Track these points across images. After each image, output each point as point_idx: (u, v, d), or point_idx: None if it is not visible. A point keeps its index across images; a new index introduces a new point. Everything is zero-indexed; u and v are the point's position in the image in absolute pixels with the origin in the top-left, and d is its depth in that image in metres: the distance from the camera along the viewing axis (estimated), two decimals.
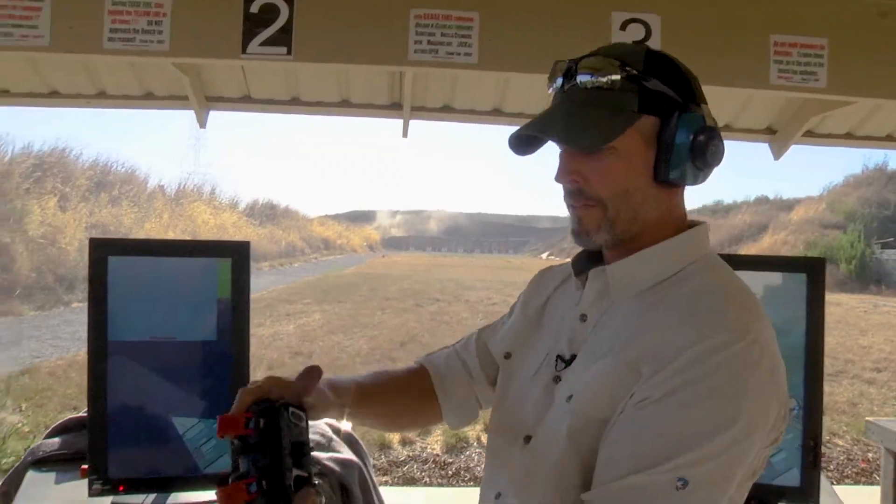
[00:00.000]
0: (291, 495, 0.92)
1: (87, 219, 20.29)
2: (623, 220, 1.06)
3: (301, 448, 0.97)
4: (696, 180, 1.08)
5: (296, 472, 0.94)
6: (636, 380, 0.98)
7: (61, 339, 11.10)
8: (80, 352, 9.82)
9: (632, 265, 1.08)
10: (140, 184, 26.77)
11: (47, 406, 7.00)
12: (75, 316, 13.53)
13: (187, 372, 2.01)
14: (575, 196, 1.08)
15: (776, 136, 3.39)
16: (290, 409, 0.99)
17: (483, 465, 1.29)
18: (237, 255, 1.99)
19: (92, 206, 21.29)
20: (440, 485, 5.56)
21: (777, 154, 3.42)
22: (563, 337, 1.15)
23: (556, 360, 1.12)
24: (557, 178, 1.10)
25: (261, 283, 23.69)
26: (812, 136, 3.38)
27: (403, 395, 1.40)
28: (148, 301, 1.97)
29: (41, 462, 2.26)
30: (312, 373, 1.10)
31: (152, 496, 2.04)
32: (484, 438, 6.71)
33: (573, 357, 1.10)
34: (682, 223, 1.11)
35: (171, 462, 2.02)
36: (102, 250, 1.93)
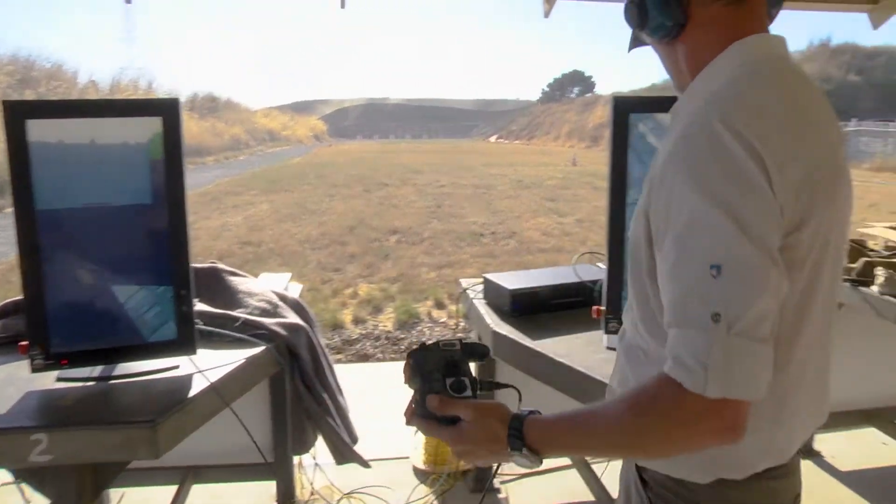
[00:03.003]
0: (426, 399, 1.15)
1: None
2: (672, 78, 1.21)
3: (455, 366, 1.18)
4: (671, 20, 1.12)
5: (449, 380, 1.16)
6: (644, 196, 1.09)
7: None
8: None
9: (679, 103, 1.18)
10: (69, 79, 25.43)
11: None
12: (8, 221, 13.06)
13: (124, 238, 1.93)
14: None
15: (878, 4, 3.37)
16: (440, 343, 1.20)
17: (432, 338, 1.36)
18: (167, 112, 1.88)
19: None
20: (393, 360, 5.64)
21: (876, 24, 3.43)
22: None
23: None
24: None
25: (206, 177, 23.25)
26: None
27: None
28: (75, 166, 1.86)
29: None
30: None
31: (98, 368, 2.01)
32: (434, 313, 6.82)
33: None
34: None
35: (115, 332, 1.98)
36: (19, 113, 1.80)
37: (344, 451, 2.54)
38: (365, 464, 2.60)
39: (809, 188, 1.01)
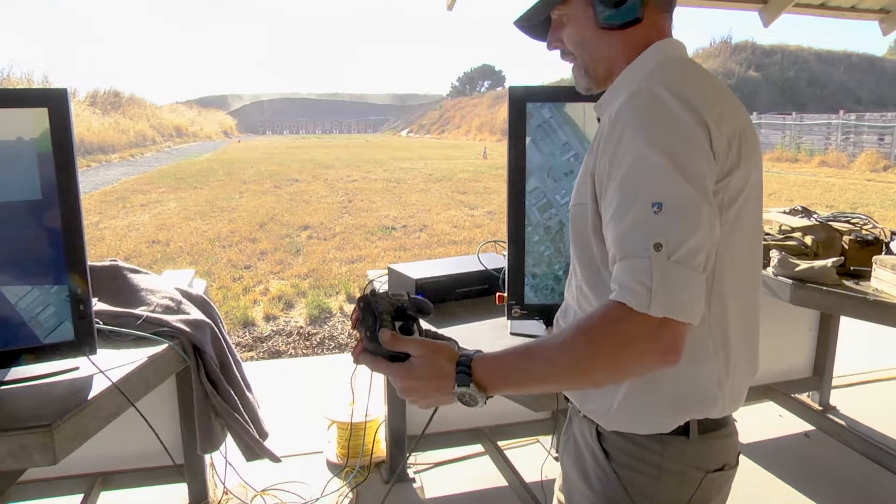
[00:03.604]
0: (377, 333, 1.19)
1: None
2: (591, 65, 1.32)
3: (403, 312, 1.23)
4: (633, 14, 1.25)
5: (398, 323, 1.21)
6: (592, 157, 1.21)
7: None
8: None
9: (606, 95, 1.32)
10: None
11: None
12: None
13: (12, 235, 1.84)
14: (563, 56, 1.35)
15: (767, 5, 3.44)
16: (389, 293, 1.24)
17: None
18: (54, 103, 1.80)
19: None
20: (305, 355, 5.59)
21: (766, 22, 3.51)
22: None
23: None
24: (548, 48, 1.37)
25: (111, 175, 22.45)
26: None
27: None
28: None
29: None
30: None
31: None
32: (346, 308, 6.78)
33: None
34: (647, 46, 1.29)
35: (5, 335, 1.89)
36: None
37: (254, 448, 2.51)
38: (275, 458, 2.58)
39: (738, 142, 1.16)
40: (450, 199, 15.45)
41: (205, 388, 2.36)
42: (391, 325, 1.20)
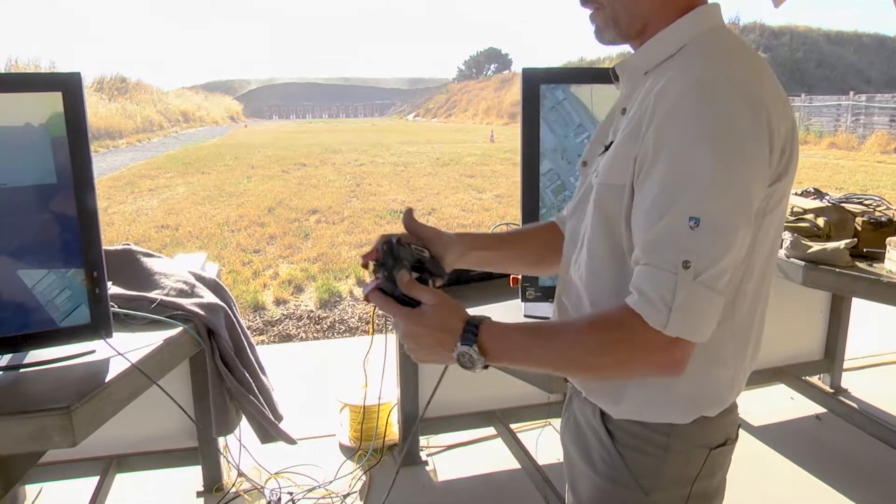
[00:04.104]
0: (396, 283, 1.17)
1: None
2: (624, 17, 1.20)
3: (421, 264, 1.23)
4: None
5: (415, 274, 1.20)
6: (638, 142, 1.09)
7: None
8: None
9: (639, 54, 1.21)
10: None
11: None
12: None
13: (28, 220, 1.85)
14: (584, 3, 1.23)
15: None
16: (412, 245, 1.25)
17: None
18: (67, 87, 1.81)
19: None
20: (316, 339, 5.61)
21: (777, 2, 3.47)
22: (611, 132, 1.28)
23: (602, 151, 1.26)
24: None
25: (119, 161, 22.49)
26: None
27: (531, 241, 1.53)
28: None
29: None
30: (408, 212, 1.34)
31: (7, 357, 1.94)
32: (356, 292, 6.80)
33: (611, 144, 1.23)
34: (688, 9, 1.18)
35: (23, 319, 1.91)
36: None
37: (269, 430, 2.52)
38: (291, 441, 2.59)
39: (790, 144, 1.11)
40: (458, 182, 15.43)
41: (220, 371, 2.38)
42: (410, 271, 1.20)
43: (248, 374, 2.46)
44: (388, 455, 3.16)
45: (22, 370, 1.90)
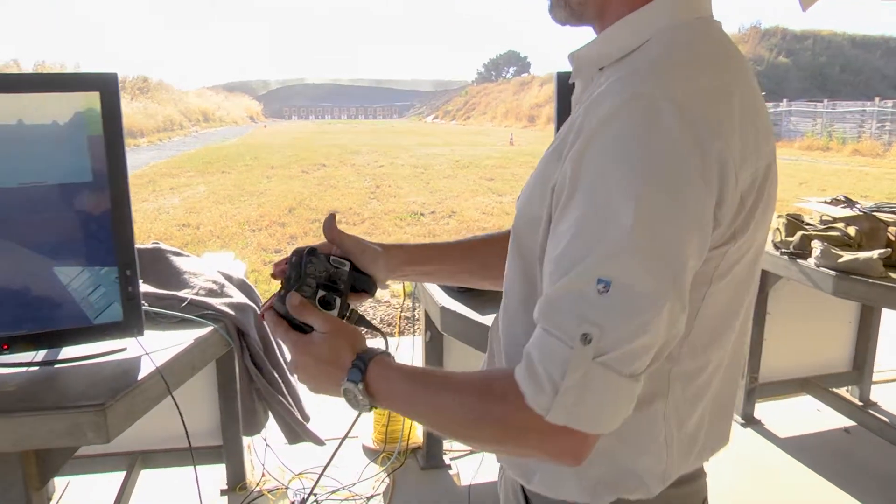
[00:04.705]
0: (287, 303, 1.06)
1: None
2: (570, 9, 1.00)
3: (333, 284, 1.11)
4: None
5: (321, 293, 1.08)
6: (559, 164, 0.88)
7: None
8: None
9: (594, 44, 0.98)
10: None
11: None
12: None
13: (64, 217, 1.86)
14: None
15: None
16: (331, 257, 1.13)
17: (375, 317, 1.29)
18: (105, 87, 1.81)
19: None
20: None
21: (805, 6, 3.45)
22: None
23: None
24: None
25: (140, 159, 22.68)
26: None
27: (479, 254, 1.32)
28: (10, 144, 1.78)
29: None
30: (329, 219, 1.18)
31: (41, 352, 1.95)
32: (378, 294, 6.79)
33: None
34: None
35: (57, 315, 1.91)
36: None
37: (298, 430, 2.52)
38: (320, 441, 2.59)
39: (756, 191, 0.87)
40: (477, 185, 15.43)
41: (249, 371, 2.38)
42: (313, 290, 1.07)
43: (276, 375, 2.46)
44: (411, 458, 3.15)
45: (56, 366, 1.91)
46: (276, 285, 1.13)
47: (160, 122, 41.08)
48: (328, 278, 1.11)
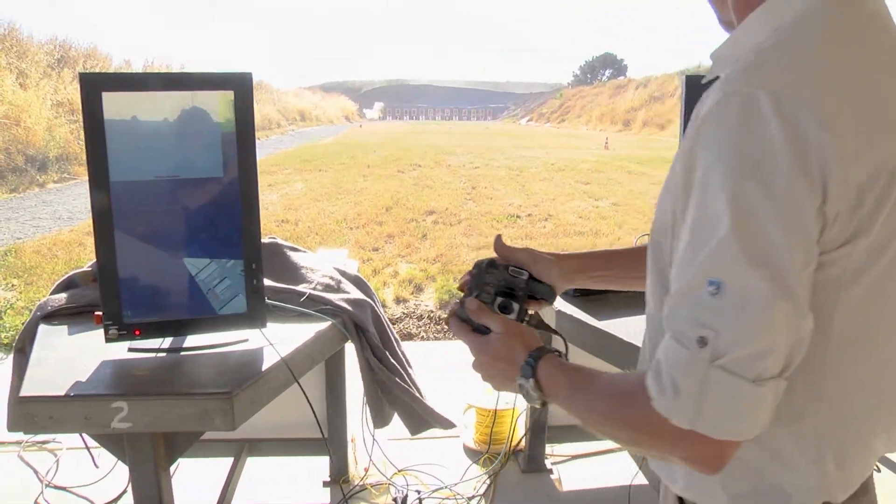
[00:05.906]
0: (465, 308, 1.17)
1: (53, 96, 19.25)
2: (718, 4, 1.00)
3: (511, 291, 1.21)
4: None
5: (499, 299, 1.19)
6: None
7: (41, 219, 10.88)
8: (63, 230, 9.71)
9: (723, 47, 0.95)
10: (104, 59, 25.33)
11: (38, 283, 6.94)
12: (52, 196, 13.29)
13: (195, 211, 1.94)
14: None
15: None
16: (510, 267, 1.24)
17: None
18: (239, 86, 1.88)
19: (55, 83, 20.16)
20: (436, 339, 5.66)
21: None
22: None
23: None
24: None
25: None
26: None
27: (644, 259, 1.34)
28: (148, 138, 1.87)
29: (51, 316, 2.24)
30: (498, 239, 1.31)
31: (168, 339, 2.03)
32: None
33: None
34: None
35: (185, 305, 1.99)
36: (95, 86, 1.81)
37: (427, 417, 2.55)
38: (449, 424, 2.63)
39: (882, 185, 0.80)
40: (573, 188, 15.27)
41: (371, 366, 2.41)
42: (491, 297, 1.19)
43: (398, 365, 2.49)
44: (512, 460, 3.14)
45: (182, 353, 1.99)
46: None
47: (259, 120, 42.26)
48: (506, 286, 1.21)
